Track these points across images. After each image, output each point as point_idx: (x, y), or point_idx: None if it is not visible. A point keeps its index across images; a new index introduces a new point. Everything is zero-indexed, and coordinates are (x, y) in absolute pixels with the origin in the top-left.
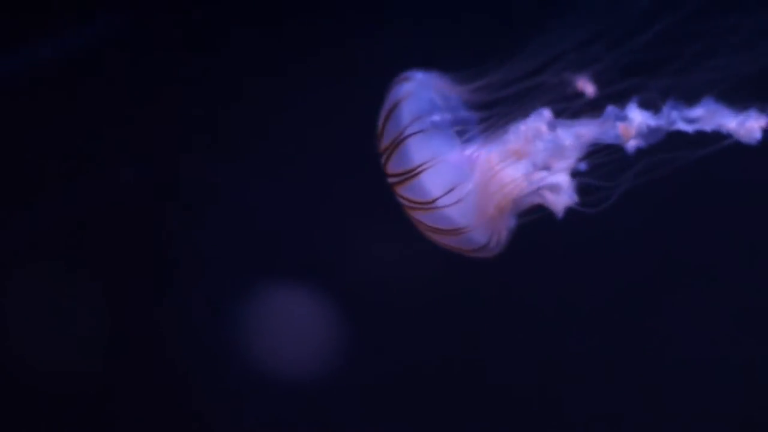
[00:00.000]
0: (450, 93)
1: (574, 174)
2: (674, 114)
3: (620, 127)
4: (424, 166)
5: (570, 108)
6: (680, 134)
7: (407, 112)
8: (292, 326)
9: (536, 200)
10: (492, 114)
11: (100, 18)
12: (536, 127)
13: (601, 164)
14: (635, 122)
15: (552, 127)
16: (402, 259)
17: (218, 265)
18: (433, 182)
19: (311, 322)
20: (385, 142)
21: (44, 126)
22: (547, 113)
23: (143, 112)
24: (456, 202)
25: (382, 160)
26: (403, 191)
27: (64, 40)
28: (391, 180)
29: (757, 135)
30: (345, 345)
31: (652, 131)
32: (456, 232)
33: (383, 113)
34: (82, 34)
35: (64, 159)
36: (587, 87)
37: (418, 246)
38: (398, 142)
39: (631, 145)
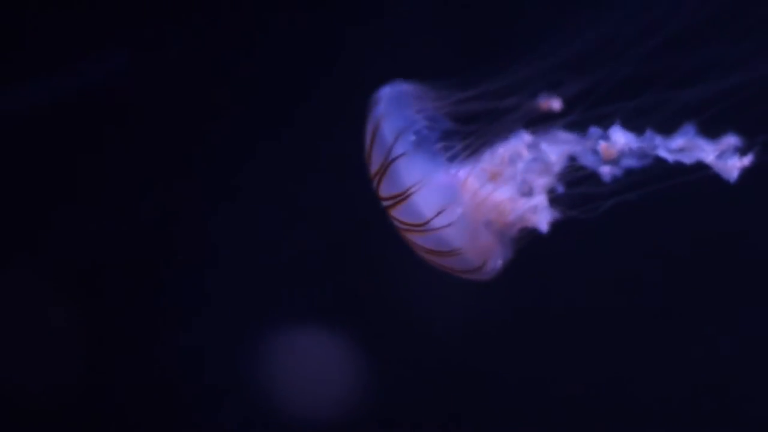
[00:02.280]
0: (428, 107)
1: (553, 193)
2: (656, 140)
3: (602, 146)
4: (413, 188)
5: (550, 126)
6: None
7: (388, 130)
8: (308, 366)
9: (521, 223)
10: (473, 130)
11: (109, 53)
12: (516, 149)
13: (580, 182)
14: (618, 144)
15: (532, 147)
16: (418, 292)
17: (229, 306)
18: (424, 203)
19: (328, 361)
20: (374, 166)
21: (50, 159)
22: (526, 136)
23: (148, 147)
24: (449, 223)
25: (374, 184)
26: (397, 214)
27: (72, 74)
28: (384, 203)
29: (735, 174)
30: (362, 383)
31: (632, 154)
32: (451, 253)
33: (368, 136)
34: (91, 69)
35: (69, 187)
36: (553, 104)
37: (431, 279)
38: (387, 164)
39: (608, 166)
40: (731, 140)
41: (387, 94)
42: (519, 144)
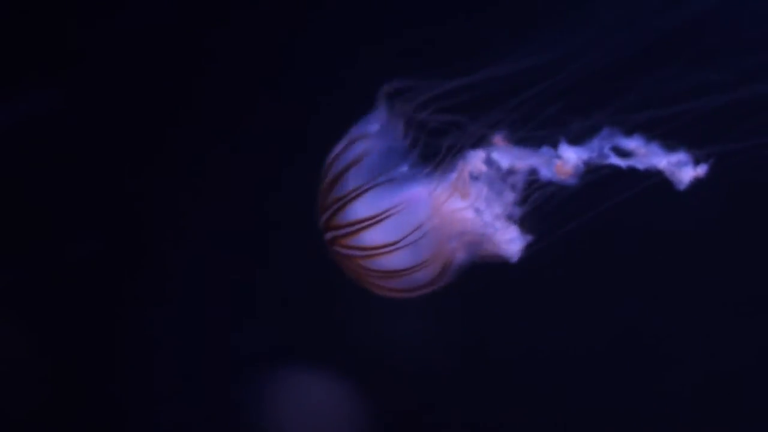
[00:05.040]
0: (395, 128)
1: (516, 216)
2: (606, 149)
3: (557, 165)
4: (383, 212)
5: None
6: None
7: (360, 169)
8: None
9: (486, 247)
10: (435, 154)
11: (33, 93)
12: (475, 166)
13: (541, 201)
14: (570, 160)
15: (489, 165)
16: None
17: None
18: (391, 225)
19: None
20: (333, 197)
21: None
22: (481, 154)
23: (81, 181)
24: (413, 242)
25: (327, 214)
26: (355, 241)
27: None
28: (337, 234)
29: (686, 181)
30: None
31: (587, 166)
32: (410, 271)
33: (331, 172)
34: (13, 110)
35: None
36: (501, 142)
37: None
38: (355, 194)
39: (567, 180)
40: (683, 154)
41: (360, 132)
42: (477, 162)
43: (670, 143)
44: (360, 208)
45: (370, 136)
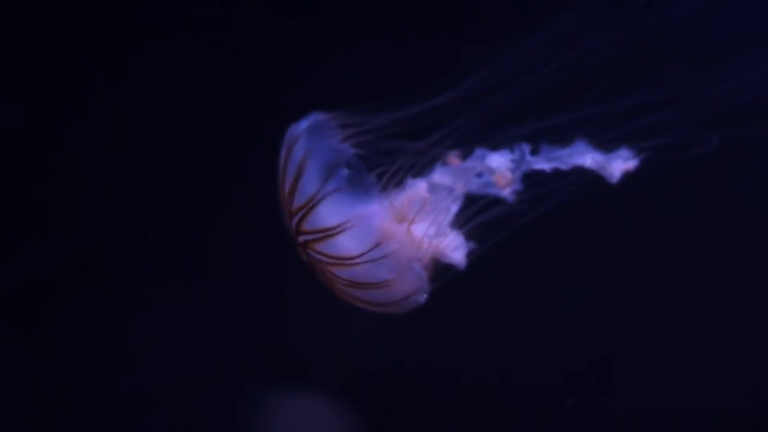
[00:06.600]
0: (352, 137)
1: (464, 223)
2: (527, 156)
3: (496, 178)
4: (347, 223)
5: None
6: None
7: (315, 165)
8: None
9: (439, 258)
10: (397, 162)
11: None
12: (417, 193)
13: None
14: (501, 169)
15: (432, 189)
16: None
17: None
18: (357, 236)
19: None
20: (298, 201)
21: None
22: (423, 184)
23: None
24: (381, 255)
25: (294, 218)
26: (323, 248)
27: None
28: (305, 238)
29: (618, 174)
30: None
31: (524, 172)
32: (378, 285)
33: (288, 172)
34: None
35: None
36: (453, 160)
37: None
38: (317, 200)
39: (508, 189)
40: (621, 150)
41: (306, 127)
42: (419, 188)
43: (608, 141)
44: (323, 214)
45: (304, 135)
